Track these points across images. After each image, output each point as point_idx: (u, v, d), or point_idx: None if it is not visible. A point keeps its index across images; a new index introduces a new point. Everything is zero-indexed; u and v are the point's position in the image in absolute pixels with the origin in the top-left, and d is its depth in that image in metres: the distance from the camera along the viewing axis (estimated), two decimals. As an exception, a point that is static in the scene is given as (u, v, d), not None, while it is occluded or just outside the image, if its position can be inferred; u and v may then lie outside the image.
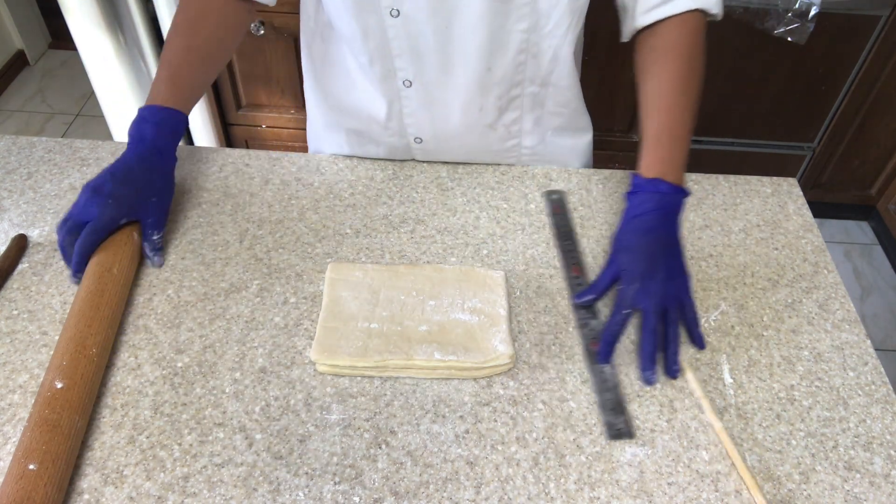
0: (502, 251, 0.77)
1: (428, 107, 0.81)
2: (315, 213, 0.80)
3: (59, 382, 0.57)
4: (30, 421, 0.55)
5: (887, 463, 0.60)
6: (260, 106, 1.76)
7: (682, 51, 0.72)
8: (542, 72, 0.79)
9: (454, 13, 0.71)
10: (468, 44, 0.74)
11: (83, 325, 0.62)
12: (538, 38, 0.75)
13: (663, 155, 0.70)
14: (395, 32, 0.74)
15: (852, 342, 0.69)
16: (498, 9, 0.71)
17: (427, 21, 0.72)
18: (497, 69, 0.77)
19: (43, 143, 0.88)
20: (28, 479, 0.51)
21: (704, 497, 0.57)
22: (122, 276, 0.67)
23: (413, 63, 0.76)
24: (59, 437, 0.54)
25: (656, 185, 0.68)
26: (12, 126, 2.37)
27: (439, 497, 0.56)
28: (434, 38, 0.73)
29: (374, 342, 0.64)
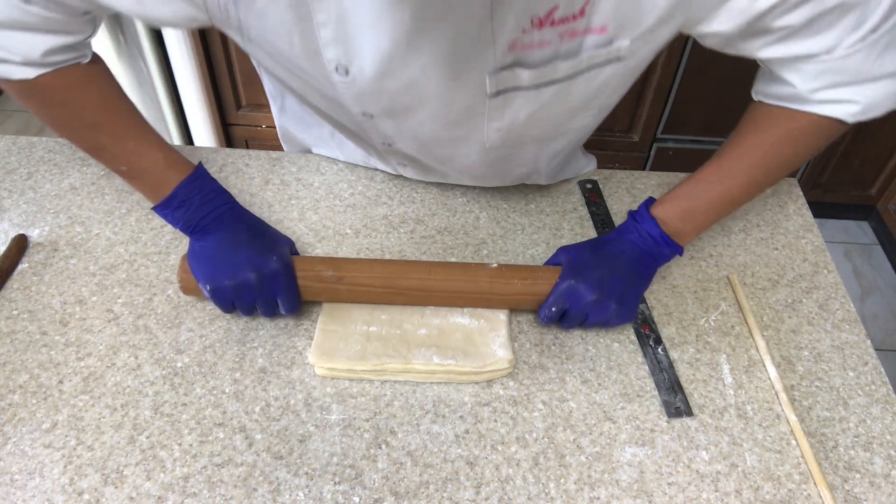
0: (502, 251, 0.77)
1: (425, 176, 0.80)
2: (315, 213, 0.80)
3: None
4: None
5: (887, 463, 0.60)
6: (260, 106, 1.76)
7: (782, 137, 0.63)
8: (544, 175, 0.79)
9: (449, 159, 0.70)
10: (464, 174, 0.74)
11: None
12: (539, 166, 0.75)
13: (684, 210, 0.66)
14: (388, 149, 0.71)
15: (852, 342, 0.69)
16: (497, 162, 0.69)
17: (422, 155, 0.70)
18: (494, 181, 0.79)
19: (43, 143, 0.88)
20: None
21: (704, 497, 0.57)
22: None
23: (407, 162, 0.75)
24: None
25: (649, 227, 0.66)
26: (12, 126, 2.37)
27: (439, 497, 0.56)
28: (430, 161, 0.72)
29: (373, 345, 0.64)
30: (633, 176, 0.87)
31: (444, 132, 0.63)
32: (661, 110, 1.72)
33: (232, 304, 0.63)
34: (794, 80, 0.58)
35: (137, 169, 0.65)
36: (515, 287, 0.65)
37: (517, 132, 0.62)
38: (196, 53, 1.61)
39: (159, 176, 0.64)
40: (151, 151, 0.65)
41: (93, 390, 0.62)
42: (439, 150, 0.68)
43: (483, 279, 0.64)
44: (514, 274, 0.65)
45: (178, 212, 0.64)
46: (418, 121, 0.61)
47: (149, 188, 0.66)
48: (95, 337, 0.66)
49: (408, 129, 0.63)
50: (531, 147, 0.68)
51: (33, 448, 0.58)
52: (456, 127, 0.62)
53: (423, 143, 0.66)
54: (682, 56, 1.58)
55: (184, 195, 0.64)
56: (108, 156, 0.65)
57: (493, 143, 0.64)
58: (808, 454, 0.59)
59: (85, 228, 0.77)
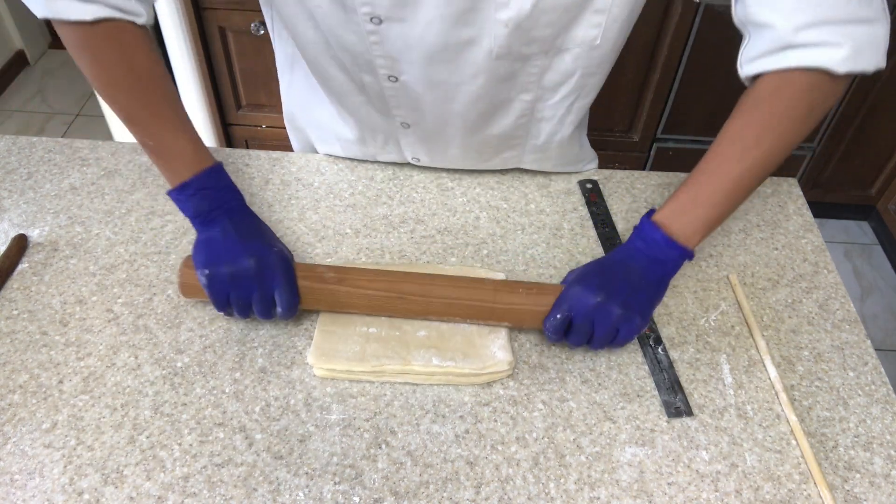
0: (502, 251, 0.77)
1: (425, 142, 0.80)
2: (315, 213, 0.80)
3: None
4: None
5: (887, 463, 0.60)
6: (260, 106, 1.76)
7: (767, 107, 0.61)
8: (545, 132, 0.78)
9: (454, 86, 0.69)
10: (468, 109, 0.72)
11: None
12: (542, 106, 0.74)
13: (683, 204, 0.64)
14: (393, 92, 0.71)
15: (852, 342, 0.69)
16: (500, 83, 0.69)
17: (426, 89, 0.70)
18: (497, 127, 0.76)
19: (43, 143, 0.88)
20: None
21: (704, 497, 0.57)
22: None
23: (411, 114, 0.75)
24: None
25: (651, 232, 0.63)
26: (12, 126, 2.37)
27: (439, 497, 0.56)
28: (433, 100, 0.71)
29: (372, 347, 0.64)
30: (633, 176, 0.87)
31: (451, 32, 0.62)
32: (661, 110, 1.72)
33: (228, 299, 0.63)
34: (773, 18, 0.57)
35: (165, 148, 0.66)
36: (520, 298, 0.63)
37: (524, 28, 0.61)
38: (196, 53, 1.61)
39: (185, 161, 0.66)
40: (183, 135, 0.66)
41: (93, 390, 0.62)
42: (445, 69, 0.67)
43: (487, 290, 0.64)
44: (518, 285, 0.65)
45: (192, 199, 0.65)
46: (425, 19, 0.61)
47: (170, 169, 0.67)
48: (95, 337, 0.66)
49: (414, 35, 0.63)
50: (536, 63, 0.67)
51: (33, 448, 0.58)
52: (463, 22, 0.61)
53: (429, 58, 0.65)
54: (682, 56, 1.59)
55: (200, 184, 0.65)
56: (141, 127, 0.66)
57: (499, 46, 0.63)
58: (808, 454, 0.59)
59: (85, 228, 0.77)
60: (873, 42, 0.57)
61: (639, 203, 0.83)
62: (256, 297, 0.62)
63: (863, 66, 0.57)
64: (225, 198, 0.66)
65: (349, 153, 0.86)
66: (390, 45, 0.64)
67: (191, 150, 0.66)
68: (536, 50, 0.65)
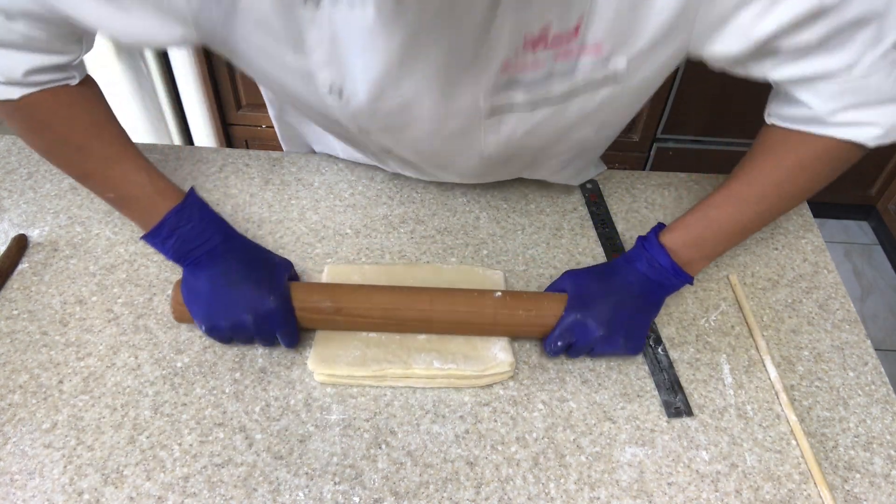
0: (502, 251, 0.77)
1: (421, 176, 0.80)
2: (315, 213, 0.80)
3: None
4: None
5: (887, 463, 0.60)
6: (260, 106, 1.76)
7: (797, 163, 0.60)
8: (546, 170, 0.78)
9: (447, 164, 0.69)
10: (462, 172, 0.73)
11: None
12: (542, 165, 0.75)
13: (694, 237, 0.64)
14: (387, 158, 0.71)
15: (852, 342, 0.69)
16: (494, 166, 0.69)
17: (421, 161, 0.70)
18: (497, 176, 0.77)
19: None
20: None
21: (704, 497, 0.57)
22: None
23: (403, 166, 0.75)
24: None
25: (659, 256, 0.63)
26: (12, 126, 2.37)
27: (439, 497, 0.56)
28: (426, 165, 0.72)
29: (373, 351, 0.63)
30: (633, 176, 0.87)
31: (442, 147, 0.63)
32: (661, 110, 1.72)
33: (230, 341, 0.63)
34: (810, 101, 0.55)
35: (125, 196, 0.63)
36: (520, 317, 0.63)
37: (515, 145, 0.62)
38: (196, 53, 1.61)
39: (147, 203, 0.63)
40: (139, 177, 0.63)
41: (93, 390, 0.62)
42: (438, 159, 0.68)
43: (487, 309, 0.63)
44: (518, 304, 0.63)
45: (168, 242, 0.63)
46: (414, 137, 0.61)
47: (138, 216, 0.64)
48: (95, 337, 0.66)
49: (405, 142, 0.63)
50: (529, 154, 0.68)
51: (33, 448, 0.58)
52: (452, 142, 0.62)
53: (420, 153, 0.66)
54: (682, 56, 1.58)
55: (174, 224, 0.62)
56: (96, 182, 0.64)
57: (490, 155, 0.64)
58: (808, 454, 0.59)
59: (85, 228, 0.77)
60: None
61: (639, 203, 0.83)
62: (259, 340, 0.62)
63: (893, 139, 0.56)
64: (205, 235, 0.63)
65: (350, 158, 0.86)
66: (380, 142, 0.65)
67: (150, 190, 0.63)
68: (528, 156, 0.66)
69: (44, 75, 0.57)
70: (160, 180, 0.64)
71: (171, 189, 0.64)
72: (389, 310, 0.62)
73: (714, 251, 0.65)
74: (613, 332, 0.61)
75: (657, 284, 0.64)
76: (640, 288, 0.63)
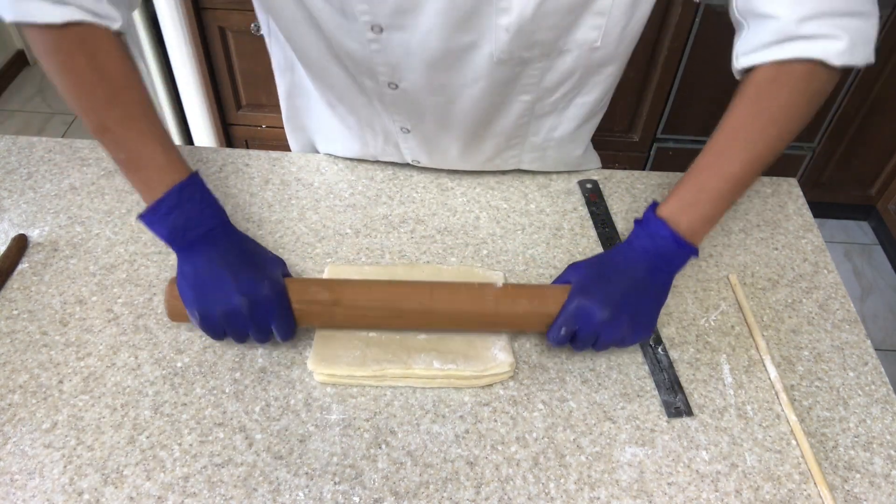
0: (502, 251, 0.77)
1: (426, 145, 0.80)
2: (315, 213, 0.80)
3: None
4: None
5: (887, 463, 0.60)
6: (260, 106, 1.76)
7: (766, 98, 0.60)
8: (545, 127, 0.78)
9: (455, 92, 0.69)
10: (468, 113, 0.72)
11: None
12: (542, 104, 0.74)
13: (687, 200, 0.63)
14: (393, 99, 0.71)
15: (852, 342, 0.69)
16: (501, 87, 0.68)
17: (426, 96, 0.69)
18: (497, 126, 0.76)
19: (43, 143, 0.88)
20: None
21: (704, 497, 0.57)
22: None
23: (411, 119, 0.75)
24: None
25: (658, 228, 0.62)
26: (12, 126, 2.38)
27: (439, 497, 0.56)
28: (433, 107, 0.71)
29: (373, 351, 0.63)
30: (633, 176, 0.87)
31: (453, 38, 0.61)
32: (661, 110, 1.72)
33: (223, 333, 0.61)
34: (777, 10, 0.57)
35: (135, 160, 0.62)
36: (522, 307, 0.61)
37: (525, 33, 0.61)
38: (196, 53, 1.61)
39: (155, 171, 0.62)
40: (153, 144, 0.62)
41: (93, 390, 0.62)
42: (446, 76, 0.66)
43: (488, 300, 0.61)
44: (520, 294, 0.62)
45: (166, 218, 0.61)
46: (426, 27, 0.60)
47: (143, 184, 0.63)
48: (95, 337, 0.66)
49: (415, 43, 0.62)
50: (536, 66, 0.67)
51: (33, 448, 0.58)
52: (464, 29, 0.61)
53: (430, 65, 0.65)
54: (682, 56, 1.59)
55: (174, 201, 0.61)
56: (111, 139, 0.63)
57: (500, 51, 0.63)
58: (808, 454, 0.59)
59: (85, 228, 0.77)
60: (867, 36, 0.58)
61: (639, 203, 0.84)
62: (252, 331, 0.61)
63: (857, 60, 0.58)
64: (203, 216, 0.62)
65: (350, 153, 0.86)
66: (391, 52, 0.64)
67: (163, 161, 0.62)
68: (537, 53, 0.65)
69: (92, 1, 0.58)
70: (172, 153, 0.63)
71: (180, 164, 0.63)
72: (389, 301, 0.61)
73: (713, 214, 0.63)
74: (618, 314, 0.59)
75: (662, 259, 0.62)
76: (645, 267, 0.61)
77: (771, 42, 0.59)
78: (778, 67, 0.59)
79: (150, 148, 0.62)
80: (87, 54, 0.60)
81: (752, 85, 0.61)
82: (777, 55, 0.59)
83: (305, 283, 0.63)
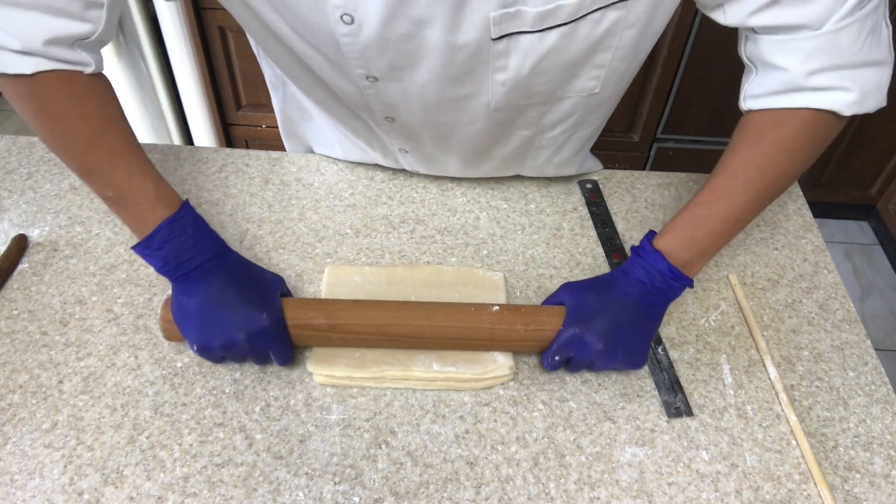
0: (502, 251, 0.77)
1: (425, 163, 0.80)
2: (315, 213, 0.80)
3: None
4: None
5: (887, 463, 0.60)
6: (260, 106, 1.76)
7: (773, 141, 0.60)
8: (544, 156, 0.78)
9: (452, 130, 0.69)
10: (466, 144, 0.72)
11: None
12: (541, 138, 0.74)
13: (687, 238, 0.63)
14: (390, 128, 0.71)
15: (852, 342, 0.69)
16: (499, 127, 0.69)
17: (424, 129, 0.70)
18: (497, 154, 0.76)
19: (43, 144, 0.88)
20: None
21: (704, 497, 0.57)
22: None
23: (408, 143, 0.75)
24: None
25: (656, 262, 0.62)
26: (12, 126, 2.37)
27: (439, 497, 0.56)
28: (431, 138, 0.72)
29: (372, 353, 0.63)
30: (633, 176, 0.87)
31: (449, 90, 0.62)
32: (661, 110, 1.72)
33: (222, 360, 0.62)
34: (787, 62, 0.57)
35: (124, 197, 0.62)
36: (517, 333, 0.62)
37: (522, 87, 0.61)
38: (196, 53, 1.61)
39: (146, 208, 0.61)
40: (141, 180, 0.61)
41: (93, 390, 0.62)
42: (443, 116, 0.66)
43: (484, 324, 0.61)
44: (516, 319, 0.62)
45: (159, 252, 0.60)
46: (422, 80, 0.60)
47: (133, 219, 0.62)
48: (95, 337, 0.66)
49: (412, 92, 0.62)
50: (534, 110, 0.67)
51: (33, 448, 0.58)
52: (460, 83, 0.61)
53: (427, 108, 0.65)
54: (682, 56, 1.59)
55: (164, 236, 0.60)
56: (97, 179, 0.62)
57: (497, 101, 0.63)
58: (808, 454, 0.59)
59: (85, 228, 0.77)
60: (879, 85, 0.57)
61: (639, 203, 0.84)
62: (252, 359, 0.62)
63: (867, 108, 0.58)
64: (198, 249, 0.61)
65: (349, 157, 0.86)
66: (387, 96, 0.64)
67: (152, 195, 0.61)
68: (535, 101, 0.65)
69: (62, 50, 0.56)
70: (161, 186, 0.63)
71: (170, 196, 0.63)
72: (384, 326, 0.61)
73: (710, 249, 0.64)
74: (613, 346, 0.60)
75: (658, 292, 0.62)
76: (640, 298, 0.62)
77: (778, 91, 0.59)
78: (785, 112, 0.59)
79: (137, 184, 0.61)
80: (64, 100, 0.58)
81: (754, 124, 0.61)
82: (785, 104, 0.59)
83: (302, 305, 0.63)
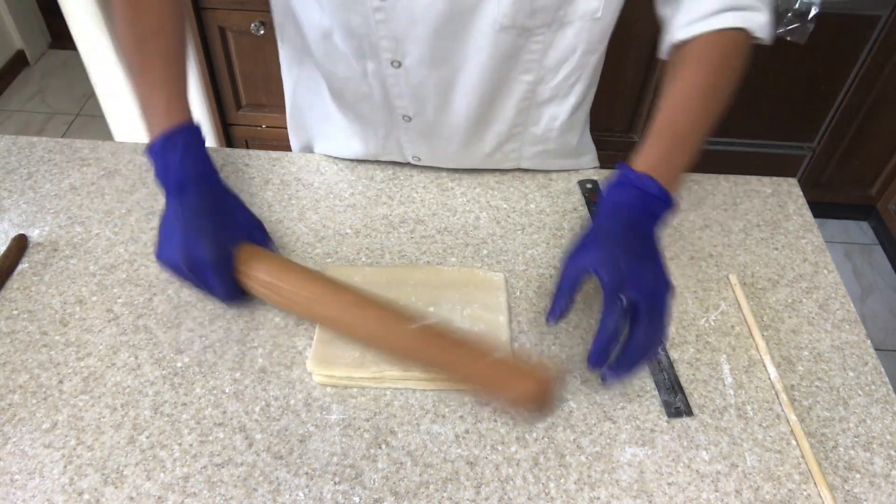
0: (502, 251, 0.77)
1: (427, 137, 0.80)
2: (315, 213, 0.80)
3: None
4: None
5: (887, 463, 0.60)
6: (260, 106, 1.76)
7: (712, 60, 0.66)
8: (545, 116, 0.79)
9: (457, 66, 0.70)
10: (470, 93, 0.73)
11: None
12: (543, 88, 0.75)
13: (661, 153, 0.63)
14: (396, 80, 0.73)
15: (852, 342, 0.69)
16: (503, 62, 0.70)
17: (429, 73, 0.71)
18: (499, 112, 0.77)
19: (43, 143, 0.88)
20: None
21: (704, 497, 0.57)
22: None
23: (413, 104, 0.76)
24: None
25: (644, 183, 0.60)
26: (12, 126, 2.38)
27: (439, 497, 0.56)
28: (435, 86, 0.73)
29: (373, 352, 0.63)
30: (633, 176, 0.87)
31: (457, 3, 0.63)
32: (661, 110, 1.72)
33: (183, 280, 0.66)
34: None
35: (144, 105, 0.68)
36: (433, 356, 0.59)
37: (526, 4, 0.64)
38: (196, 53, 1.61)
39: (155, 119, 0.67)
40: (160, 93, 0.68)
41: (93, 390, 0.62)
42: (450, 45, 0.68)
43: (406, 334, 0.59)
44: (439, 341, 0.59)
45: (156, 163, 0.66)
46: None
47: (147, 127, 0.68)
48: (95, 337, 0.66)
49: (420, 9, 0.64)
50: (539, 38, 0.68)
51: (33, 448, 0.58)
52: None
53: (435, 32, 0.66)
54: (682, 56, 1.59)
55: (159, 147, 0.66)
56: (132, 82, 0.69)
57: (504, 15, 0.64)
58: (808, 454, 0.59)
59: (85, 228, 0.77)
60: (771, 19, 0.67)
61: (639, 203, 0.83)
62: (196, 287, 0.66)
63: (767, 35, 0.67)
64: (183, 165, 0.66)
65: (350, 153, 0.86)
66: (396, 22, 0.65)
67: (163, 109, 0.67)
68: (539, 22, 0.66)
69: None
70: (174, 102, 0.69)
71: (178, 113, 0.68)
72: (311, 299, 0.63)
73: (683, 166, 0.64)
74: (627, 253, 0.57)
75: (651, 216, 0.61)
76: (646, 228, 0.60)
77: (710, 13, 0.65)
78: (714, 35, 0.66)
79: (156, 96, 0.68)
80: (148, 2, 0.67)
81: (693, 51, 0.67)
82: (716, 24, 0.65)
83: (263, 258, 0.65)
